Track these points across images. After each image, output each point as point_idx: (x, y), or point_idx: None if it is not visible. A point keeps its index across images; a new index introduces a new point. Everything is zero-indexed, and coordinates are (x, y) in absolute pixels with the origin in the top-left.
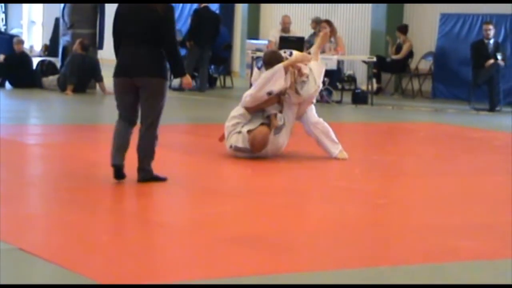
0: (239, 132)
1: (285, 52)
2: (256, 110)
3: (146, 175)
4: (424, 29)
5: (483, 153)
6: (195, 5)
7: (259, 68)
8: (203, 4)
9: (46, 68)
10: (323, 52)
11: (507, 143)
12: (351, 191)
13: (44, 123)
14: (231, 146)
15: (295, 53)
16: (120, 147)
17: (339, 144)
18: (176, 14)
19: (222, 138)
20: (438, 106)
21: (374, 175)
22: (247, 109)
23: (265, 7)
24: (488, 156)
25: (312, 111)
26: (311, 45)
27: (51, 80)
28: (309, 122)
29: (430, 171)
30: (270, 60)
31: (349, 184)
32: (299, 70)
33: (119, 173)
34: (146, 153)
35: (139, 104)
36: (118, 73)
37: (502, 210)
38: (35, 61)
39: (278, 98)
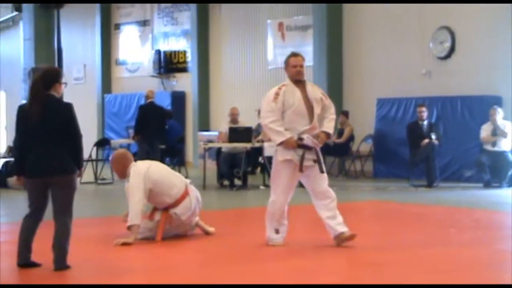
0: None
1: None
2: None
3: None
4: (363, 114)
5: (422, 227)
6: (141, 101)
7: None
8: (148, 100)
9: (11, 169)
10: (269, 140)
11: (445, 217)
12: (299, 269)
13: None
14: None
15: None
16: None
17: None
18: (124, 109)
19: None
20: (379, 185)
21: (324, 251)
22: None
23: (214, 101)
24: (428, 229)
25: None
26: (258, 133)
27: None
28: None
29: (375, 246)
30: None
31: (296, 262)
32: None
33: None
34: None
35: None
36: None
37: (441, 280)
38: (0, 162)
39: None
